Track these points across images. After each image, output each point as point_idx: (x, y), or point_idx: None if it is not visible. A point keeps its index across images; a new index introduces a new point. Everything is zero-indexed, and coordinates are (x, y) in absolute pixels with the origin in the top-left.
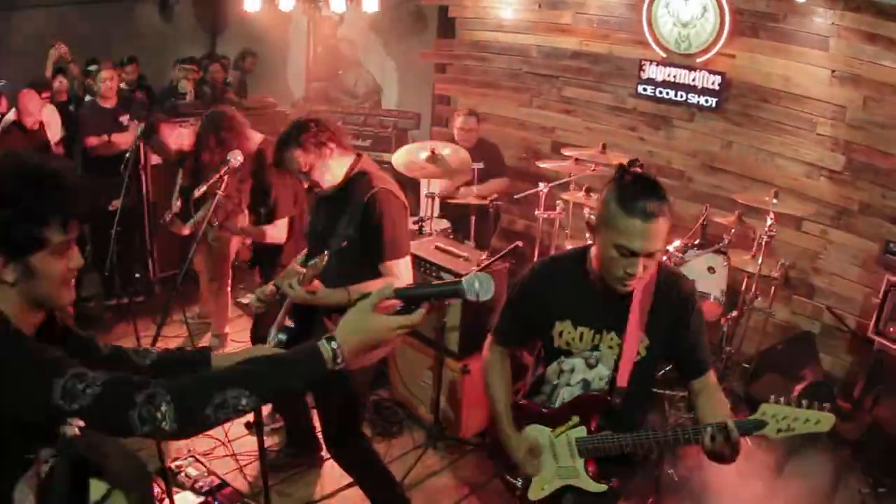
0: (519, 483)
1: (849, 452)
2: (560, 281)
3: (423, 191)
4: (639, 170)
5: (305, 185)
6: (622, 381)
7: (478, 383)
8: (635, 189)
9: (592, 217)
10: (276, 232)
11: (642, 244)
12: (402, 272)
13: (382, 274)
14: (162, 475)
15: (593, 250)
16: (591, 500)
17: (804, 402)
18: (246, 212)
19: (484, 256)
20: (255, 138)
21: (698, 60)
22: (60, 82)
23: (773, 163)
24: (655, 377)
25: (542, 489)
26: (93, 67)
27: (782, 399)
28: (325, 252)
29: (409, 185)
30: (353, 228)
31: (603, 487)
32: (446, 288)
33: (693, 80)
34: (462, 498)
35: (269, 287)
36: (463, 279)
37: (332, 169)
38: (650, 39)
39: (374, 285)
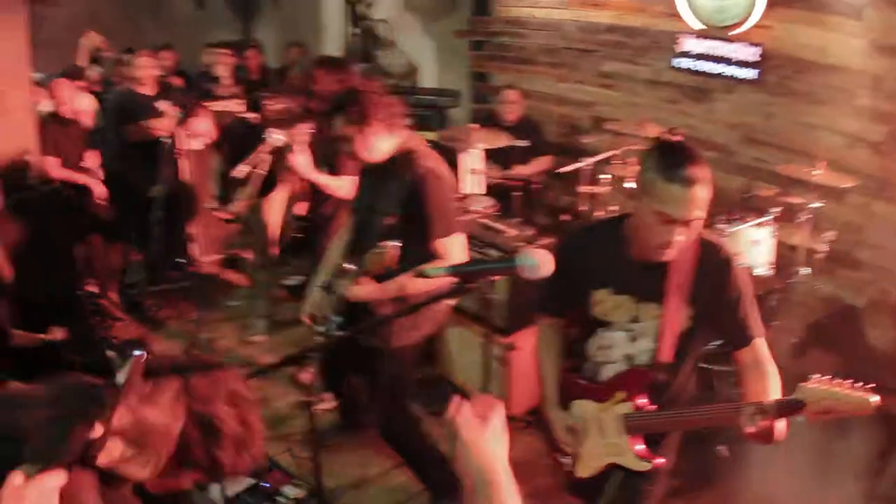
0: (567, 461)
1: None
2: (597, 249)
3: (466, 168)
4: (677, 138)
5: (347, 153)
6: (666, 354)
7: (525, 360)
8: (674, 156)
9: (632, 186)
10: (341, 183)
11: (681, 211)
12: (455, 249)
13: (436, 253)
14: None
15: (632, 218)
16: (638, 478)
17: (846, 383)
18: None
19: (529, 233)
20: None
21: (734, 32)
22: (94, 72)
23: (814, 134)
24: (702, 350)
25: (589, 466)
26: (126, 57)
27: (823, 378)
28: (393, 243)
29: (452, 162)
30: (399, 207)
31: (647, 465)
32: (501, 265)
33: (732, 52)
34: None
35: (320, 294)
36: (517, 256)
37: (374, 143)
38: (685, 11)
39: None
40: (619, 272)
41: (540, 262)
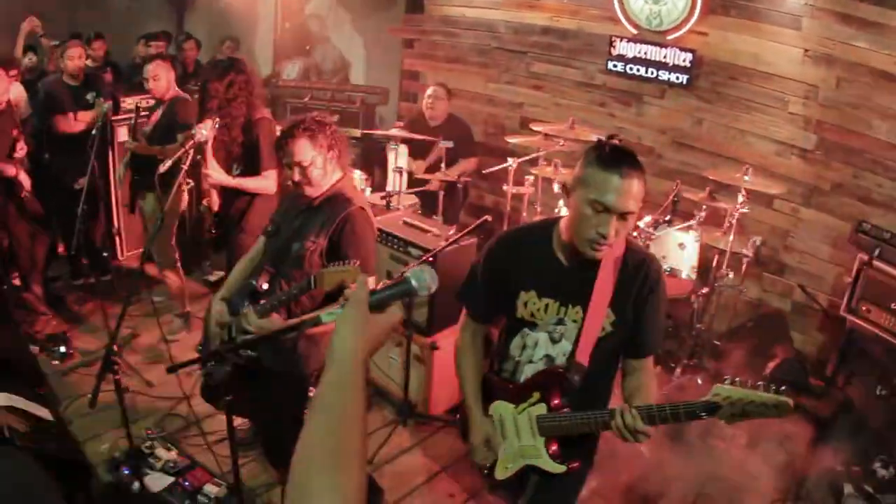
0: (486, 463)
1: (820, 430)
2: (526, 251)
3: (391, 165)
4: (617, 142)
5: (292, 179)
6: (583, 356)
7: (447, 360)
8: (614, 152)
9: (568, 181)
10: (267, 183)
11: (616, 200)
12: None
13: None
14: (132, 456)
15: (563, 220)
16: (555, 480)
17: (761, 385)
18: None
19: (452, 231)
20: (261, 110)
21: (669, 38)
22: (30, 59)
23: (744, 140)
24: (619, 354)
25: (506, 468)
26: (60, 47)
27: (738, 380)
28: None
29: (378, 159)
30: (324, 238)
31: (561, 468)
32: (396, 291)
33: (664, 56)
34: (433, 475)
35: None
36: (409, 277)
37: (327, 174)
38: (621, 16)
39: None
40: (548, 276)
41: (430, 278)
